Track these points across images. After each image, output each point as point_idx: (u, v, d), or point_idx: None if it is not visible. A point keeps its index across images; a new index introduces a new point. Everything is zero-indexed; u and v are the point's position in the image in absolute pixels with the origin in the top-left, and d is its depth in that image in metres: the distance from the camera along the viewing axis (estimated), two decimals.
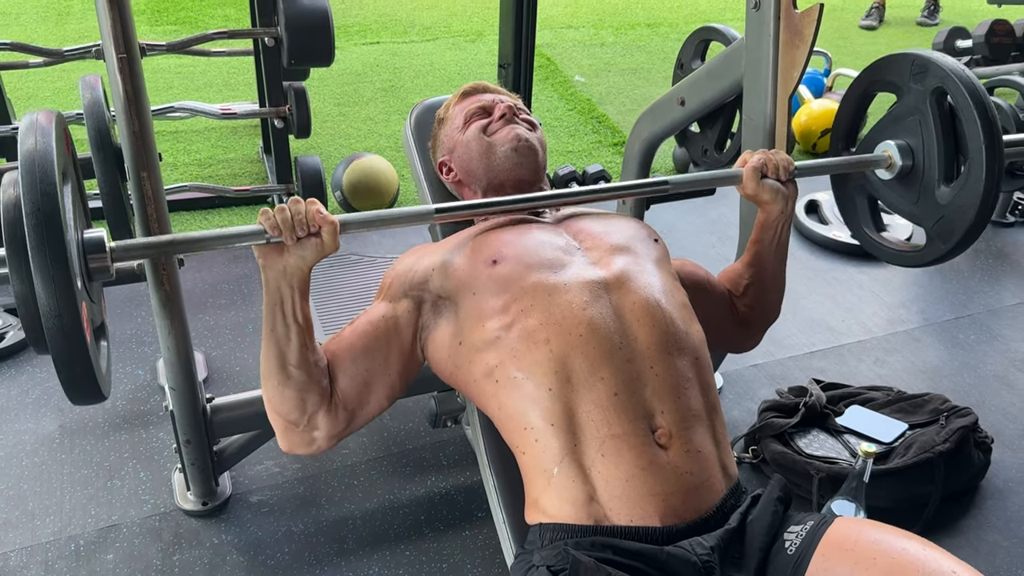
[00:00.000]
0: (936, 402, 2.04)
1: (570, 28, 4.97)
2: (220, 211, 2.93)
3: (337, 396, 1.25)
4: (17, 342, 2.25)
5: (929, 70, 1.53)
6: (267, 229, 1.15)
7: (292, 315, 1.19)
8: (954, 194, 1.53)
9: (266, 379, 1.22)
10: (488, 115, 1.51)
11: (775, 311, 1.57)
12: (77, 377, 1.07)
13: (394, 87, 4.03)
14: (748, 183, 1.43)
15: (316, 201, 1.18)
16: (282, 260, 1.17)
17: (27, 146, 1.04)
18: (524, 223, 1.40)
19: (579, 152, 3.52)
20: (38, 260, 0.98)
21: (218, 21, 4.60)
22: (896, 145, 1.60)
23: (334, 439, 1.26)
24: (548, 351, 1.20)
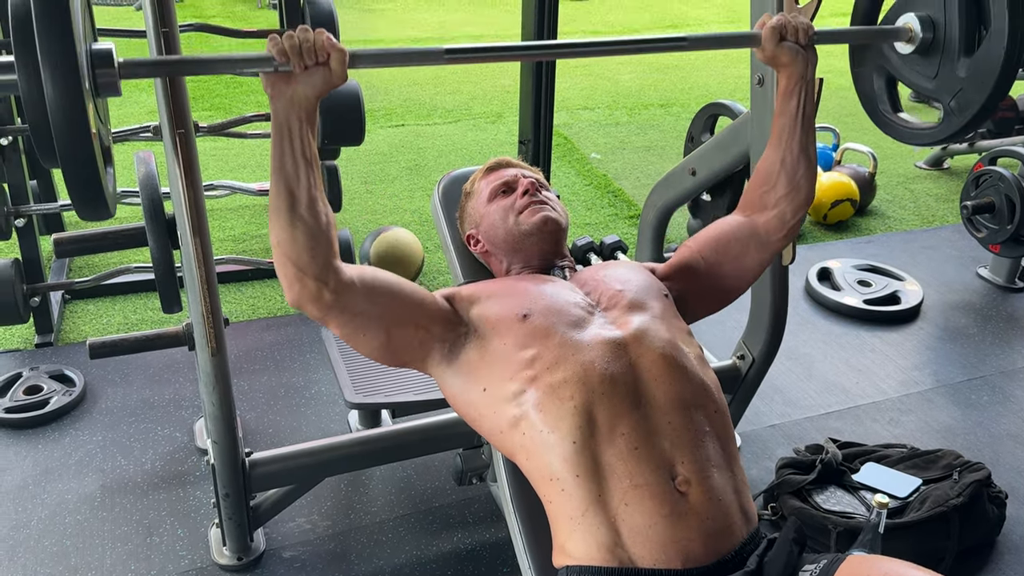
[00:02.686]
0: (949, 458, 2.09)
1: (586, 109, 5.17)
2: (254, 283, 3.05)
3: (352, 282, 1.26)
4: (61, 407, 2.36)
5: None
6: (275, 56, 1.15)
7: (300, 149, 1.20)
8: (974, 65, 1.51)
9: (275, 219, 1.22)
10: (512, 190, 1.60)
11: (810, 190, 1.50)
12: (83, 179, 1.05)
13: (418, 166, 4.21)
14: (767, 43, 1.40)
15: (324, 30, 1.18)
16: (290, 88, 1.17)
17: None
18: (545, 278, 1.49)
19: (596, 224, 3.64)
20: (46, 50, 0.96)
21: (250, 106, 4.83)
22: (917, 17, 1.58)
23: (336, 310, 1.26)
24: (572, 406, 1.27)
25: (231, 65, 1.18)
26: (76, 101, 1.00)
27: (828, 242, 3.57)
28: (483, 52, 1.34)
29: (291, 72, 1.17)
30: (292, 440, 2.24)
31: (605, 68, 6.04)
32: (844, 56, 1.80)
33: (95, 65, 1.08)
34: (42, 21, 0.98)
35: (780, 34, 1.41)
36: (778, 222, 1.50)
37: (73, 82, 0.99)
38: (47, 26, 0.98)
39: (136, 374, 2.53)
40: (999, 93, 1.52)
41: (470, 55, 1.31)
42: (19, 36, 1.01)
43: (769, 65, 1.46)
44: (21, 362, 2.57)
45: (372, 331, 1.31)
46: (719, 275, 1.54)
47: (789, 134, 1.47)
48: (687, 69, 6.12)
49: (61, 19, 0.99)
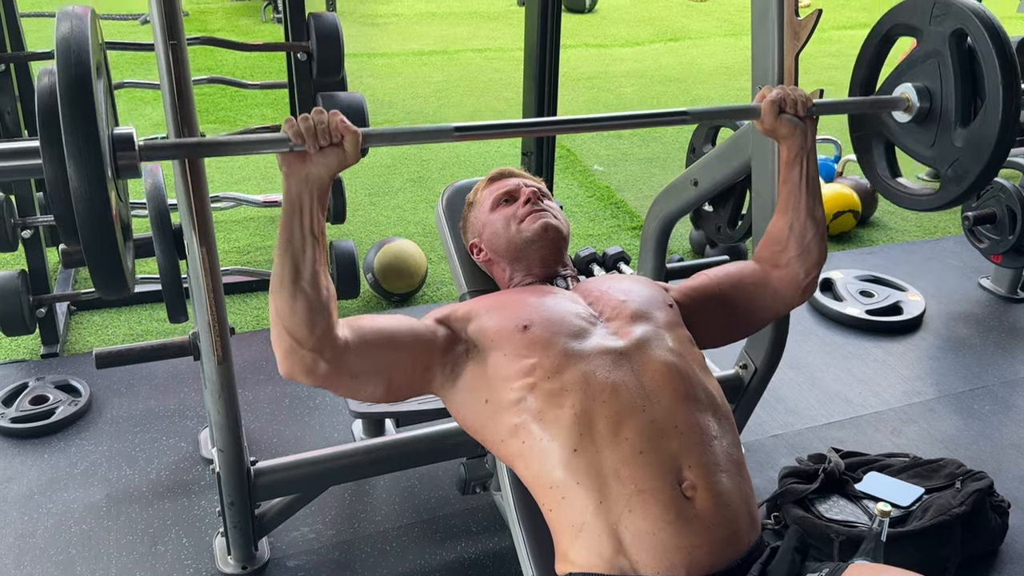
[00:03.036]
0: (951, 467, 2.10)
1: None
2: (258, 294, 3.07)
3: (348, 345, 1.27)
4: (66, 416, 2.37)
5: (950, 11, 1.54)
6: (291, 137, 1.19)
7: (310, 225, 1.22)
8: (970, 136, 1.53)
9: (277, 290, 1.24)
10: (514, 199, 1.63)
11: (821, 252, 1.54)
12: (105, 262, 1.09)
13: (422, 178, 4.23)
14: (766, 116, 1.45)
15: (338, 112, 1.22)
16: (304, 168, 1.20)
17: (62, 31, 1.06)
18: (547, 290, 1.51)
19: (599, 236, 3.66)
20: (71, 140, 1.00)
21: (256, 119, 4.86)
22: (914, 87, 1.61)
23: (331, 377, 1.27)
24: (572, 413, 1.27)
25: (250, 146, 1.22)
26: (99, 191, 1.03)
27: (830, 253, 3.57)
28: (491, 129, 1.39)
29: (306, 152, 1.20)
30: (297, 449, 2.24)
31: (607, 82, 6.08)
32: (846, 69, 1.82)
33: (116, 148, 1.11)
34: (68, 111, 1.01)
35: (779, 107, 1.45)
36: (792, 281, 1.54)
37: (97, 173, 1.02)
38: (73, 117, 1.01)
39: (141, 384, 2.55)
40: (995, 164, 1.54)
41: (478, 132, 1.37)
42: (45, 123, 1.05)
43: (769, 136, 1.50)
44: (27, 372, 2.59)
45: (371, 385, 1.33)
46: (731, 312, 1.56)
47: (795, 201, 1.50)
48: (689, 82, 6.15)
49: (86, 110, 1.02)
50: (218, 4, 7.70)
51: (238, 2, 7.73)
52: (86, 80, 1.04)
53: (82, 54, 1.06)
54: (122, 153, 1.13)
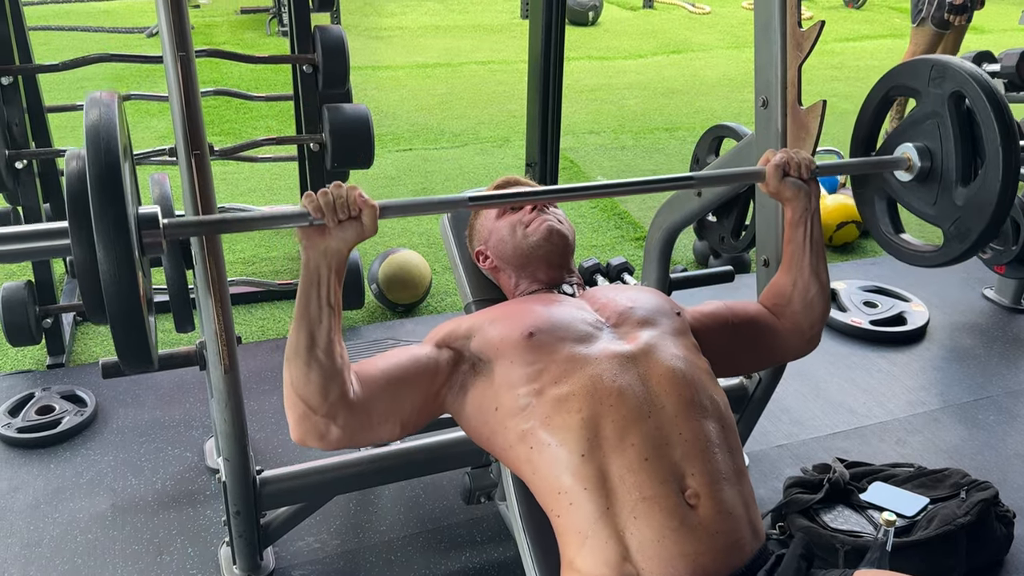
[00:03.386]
0: (956, 476, 2.10)
1: (592, 133, 5.21)
2: (263, 304, 3.08)
3: (359, 401, 1.28)
4: (72, 426, 2.38)
5: (948, 74, 1.58)
6: (311, 211, 1.22)
7: (327, 297, 1.25)
8: (971, 195, 1.56)
9: (293, 359, 1.25)
10: (520, 207, 1.65)
11: (824, 307, 1.58)
12: (132, 341, 1.12)
13: (426, 189, 4.25)
14: (771, 180, 1.49)
15: (356, 187, 1.25)
16: (324, 241, 1.23)
17: (92, 118, 1.10)
18: (554, 297, 1.52)
19: (603, 246, 3.67)
20: (101, 228, 1.03)
21: (260, 131, 4.88)
22: (915, 147, 1.64)
23: (345, 440, 1.28)
24: (580, 418, 1.28)
25: (271, 222, 1.25)
26: (128, 274, 1.06)
27: (834, 263, 3.58)
28: (505, 199, 1.43)
29: (325, 226, 1.23)
30: (301, 460, 2.25)
31: (610, 94, 6.10)
32: (849, 81, 1.84)
33: (142, 227, 1.15)
34: (98, 199, 1.05)
35: (783, 170, 1.49)
36: (796, 332, 1.58)
37: (125, 257, 1.06)
38: (103, 205, 1.05)
39: (147, 394, 2.56)
40: (997, 222, 1.57)
41: (492, 201, 1.41)
42: (74, 207, 1.08)
43: (774, 198, 1.54)
44: (33, 383, 2.60)
45: (387, 430, 1.34)
46: (740, 345, 1.58)
47: (799, 260, 1.54)
48: (692, 94, 6.17)
49: (116, 197, 1.06)
50: (223, 17, 7.75)
51: (243, 15, 7.77)
52: (115, 168, 1.07)
53: (111, 142, 1.09)
54: (147, 232, 1.16)
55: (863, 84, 6.16)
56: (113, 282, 1.05)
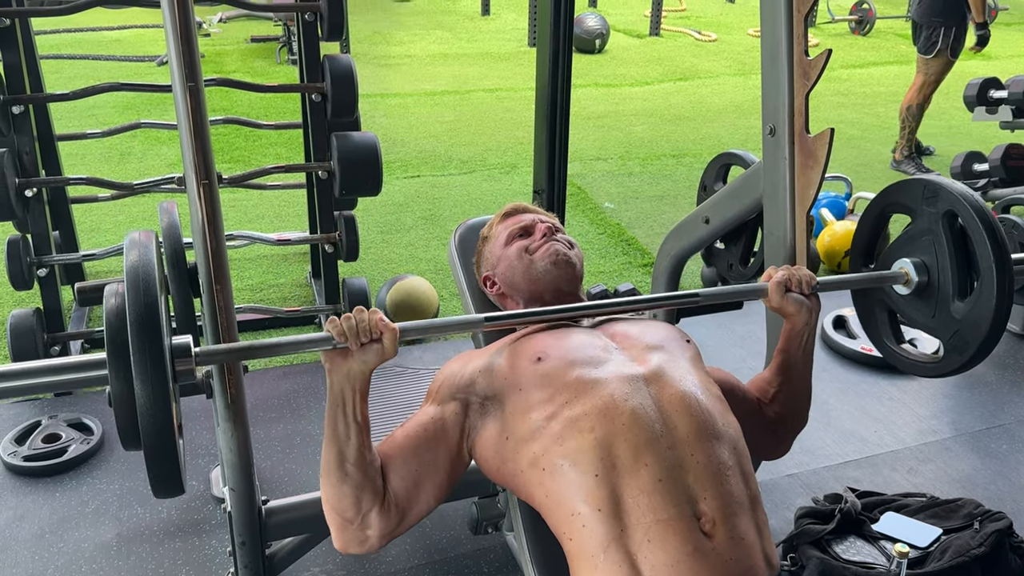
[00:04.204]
0: (969, 507, 2.07)
1: (599, 160, 5.23)
2: (271, 331, 3.08)
3: (390, 495, 1.32)
4: (79, 455, 2.37)
5: (940, 195, 1.62)
6: (334, 336, 1.26)
7: (353, 415, 1.28)
8: (968, 309, 1.58)
9: (325, 477, 1.30)
10: (529, 234, 1.64)
11: (803, 418, 1.61)
12: (166, 472, 1.16)
13: (433, 216, 4.26)
14: (773, 296, 1.51)
15: (378, 311, 1.29)
16: (347, 364, 1.27)
17: (131, 260, 1.17)
18: (563, 327, 1.51)
19: (610, 272, 3.66)
20: (139, 364, 1.09)
21: (269, 159, 4.91)
22: (912, 263, 1.67)
23: (386, 538, 1.32)
24: (593, 438, 1.27)
25: (297, 347, 1.29)
26: (164, 407, 1.11)
27: (844, 290, 3.56)
28: (521, 317, 1.47)
29: (348, 349, 1.26)
30: (308, 488, 2.23)
31: (617, 120, 6.12)
32: (856, 107, 1.84)
33: (175, 356, 1.19)
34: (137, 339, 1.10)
35: (785, 286, 1.51)
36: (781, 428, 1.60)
37: (162, 390, 1.11)
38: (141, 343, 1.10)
39: None
40: (994, 336, 1.58)
41: (508, 321, 1.45)
42: (113, 342, 1.13)
43: (776, 313, 1.56)
44: (40, 410, 2.59)
45: (425, 507, 1.36)
46: None
47: (790, 368, 1.57)
48: (698, 121, 6.19)
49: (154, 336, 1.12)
50: (234, 46, 7.83)
51: (254, 44, 7.85)
52: (154, 309, 1.13)
53: (150, 283, 1.15)
54: (180, 360, 1.20)
55: (870, 110, 6.18)
56: (150, 415, 1.10)
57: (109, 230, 3.90)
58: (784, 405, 1.58)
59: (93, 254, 2.86)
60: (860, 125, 5.75)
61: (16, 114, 2.57)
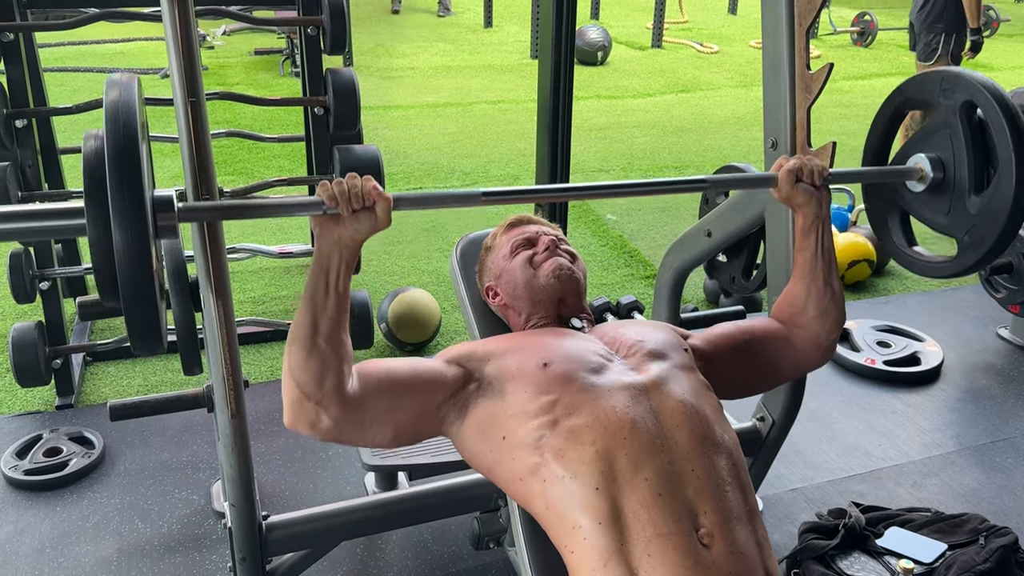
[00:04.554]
0: (975, 522, 2.05)
1: (601, 171, 5.23)
2: (272, 344, 3.08)
3: (355, 398, 1.28)
4: (79, 469, 2.36)
5: (958, 85, 1.59)
6: (325, 200, 1.22)
7: (335, 285, 1.26)
8: (984, 203, 1.56)
9: (293, 344, 1.27)
10: (532, 246, 1.63)
11: (840, 313, 1.56)
12: (145, 319, 1.11)
13: (435, 227, 4.26)
14: (783, 186, 1.48)
15: (371, 178, 1.25)
16: (337, 230, 1.24)
17: (111, 97, 1.12)
18: (561, 330, 1.51)
19: (612, 284, 3.66)
20: (117, 202, 1.03)
21: (272, 171, 4.92)
22: (927, 158, 1.64)
23: (334, 432, 1.28)
24: (594, 451, 1.26)
25: (285, 209, 1.26)
26: (142, 250, 1.07)
27: (846, 302, 3.55)
28: (519, 194, 1.43)
29: (339, 215, 1.23)
30: (309, 503, 2.23)
31: (619, 132, 6.13)
32: (857, 119, 1.84)
33: (156, 210, 1.15)
34: (116, 174, 1.06)
35: (796, 176, 1.49)
36: (812, 341, 1.56)
37: (141, 233, 1.07)
38: (120, 179, 1.06)
39: (155, 436, 2.54)
40: (1011, 229, 1.57)
41: (506, 197, 1.41)
42: (91, 185, 1.09)
43: (785, 204, 1.54)
44: (42, 424, 2.59)
45: (378, 434, 1.34)
46: (753, 364, 1.56)
47: (811, 268, 1.53)
48: (700, 132, 6.19)
49: (133, 173, 1.07)
50: (237, 58, 7.85)
51: (257, 56, 7.88)
52: (133, 145, 1.08)
53: (130, 119, 1.10)
54: (162, 215, 1.16)
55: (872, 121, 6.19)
56: (128, 257, 1.05)
57: None
58: (817, 307, 1.54)
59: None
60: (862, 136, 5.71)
61: (19, 128, 2.57)
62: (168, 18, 1.47)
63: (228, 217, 1.41)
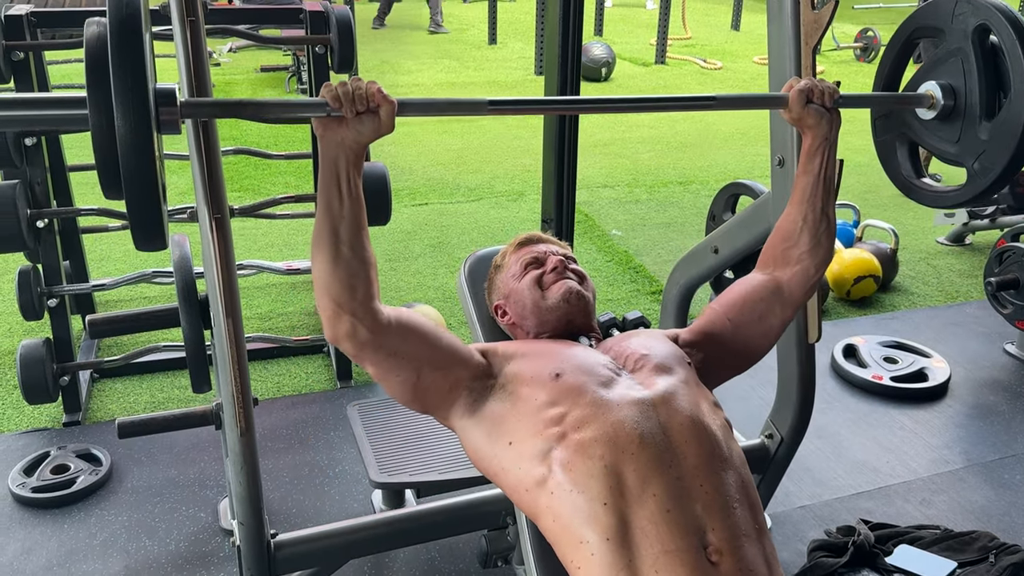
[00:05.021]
0: (984, 539, 2.05)
1: (606, 187, 5.24)
2: (279, 361, 3.08)
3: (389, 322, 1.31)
4: (87, 486, 2.36)
5: (972, 8, 1.58)
6: (329, 102, 1.21)
7: (348, 189, 1.26)
8: (996, 128, 1.56)
9: (317, 255, 1.28)
10: (541, 265, 1.63)
11: (830, 248, 1.55)
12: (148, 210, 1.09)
13: (441, 243, 4.27)
14: (794, 106, 1.46)
15: (376, 82, 1.24)
16: (340, 131, 1.23)
17: None
18: (567, 343, 1.51)
19: (618, 300, 3.66)
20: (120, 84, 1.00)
21: (278, 187, 4.94)
22: (938, 84, 1.64)
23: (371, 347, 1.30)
24: (602, 465, 1.25)
25: (287, 109, 1.25)
26: (145, 136, 1.04)
27: (852, 318, 3.56)
28: (523, 104, 1.41)
29: (343, 117, 1.23)
30: (316, 520, 2.23)
31: (624, 148, 6.14)
32: (862, 134, 1.84)
33: (159, 102, 1.12)
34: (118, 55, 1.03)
35: (807, 97, 1.47)
36: (802, 278, 1.54)
37: (143, 118, 1.04)
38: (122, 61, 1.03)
39: (162, 453, 2.54)
40: (1022, 153, 1.56)
41: (511, 107, 1.39)
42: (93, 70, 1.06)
43: (795, 126, 1.53)
44: (49, 441, 2.59)
45: (404, 373, 1.35)
46: (745, 336, 1.55)
47: (812, 193, 1.52)
48: (704, 148, 6.20)
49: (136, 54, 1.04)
50: (244, 75, 7.90)
51: (263, 73, 7.92)
52: (136, 24, 1.05)
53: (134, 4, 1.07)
54: (164, 108, 1.13)
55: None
56: (131, 144, 1.02)
57: (118, 259, 3.91)
58: (812, 234, 1.52)
59: (103, 284, 2.87)
60: (867, 152, 5.69)
61: (29, 146, 2.59)
62: (179, 38, 1.48)
63: (231, 115, 1.38)
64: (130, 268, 3.74)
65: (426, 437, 2.24)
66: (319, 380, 3.00)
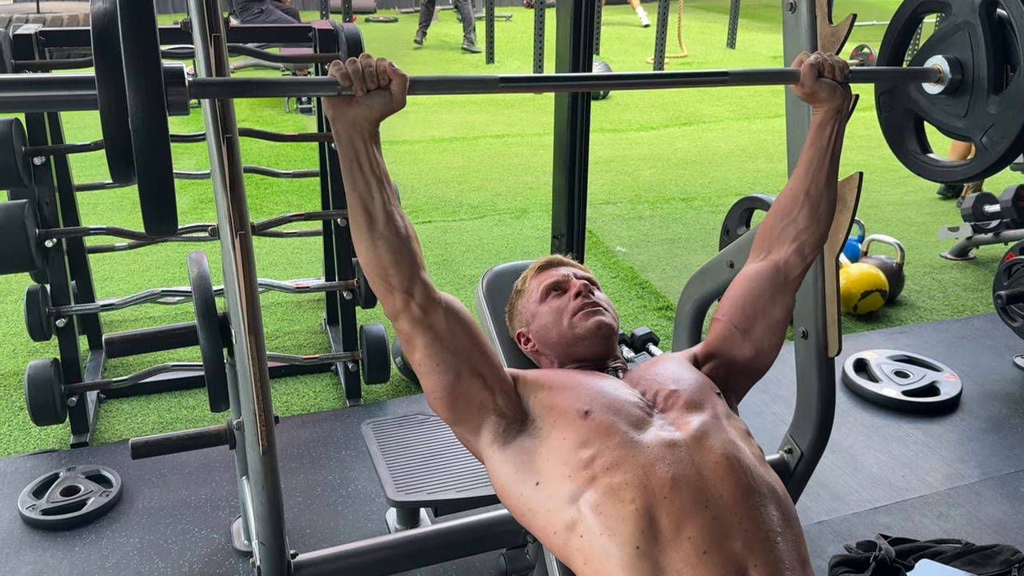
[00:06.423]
0: (1007, 553, 2.03)
1: (609, 204, 5.24)
2: (287, 380, 3.06)
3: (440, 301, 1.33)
4: (98, 508, 2.34)
5: None
6: (338, 80, 1.20)
7: (370, 166, 1.26)
8: (1004, 101, 1.55)
9: (357, 239, 1.29)
10: (564, 290, 1.61)
11: (827, 226, 1.56)
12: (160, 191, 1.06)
13: (446, 261, 4.26)
14: (806, 80, 1.46)
15: (387, 58, 1.23)
16: (351, 111, 1.22)
17: None
18: (594, 374, 1.49)
19: (625, 316, 3.65)
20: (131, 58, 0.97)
21: (281, 206, 4.93)
22: (945, 59, 1.63)
23: (424, 322, 1.31)
24: (634, 509, 1.22)
25: (297, 88, 1.24)
26: (158, 110, 1.02)
27: (861, 333, 3.55)
28: (535, 82, 1.43)
29: (353, 96, 1.22)
30: (331, 540, 2.20)
31: (626, 165, 6.16)
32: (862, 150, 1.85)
33: (168, 81, 1.10)
34: (128, 31, 1.00)
35: (818, 71, 1.48)
36: (798, 257, 1.53)
37: (156, 93, 1.02)
38: (134, 33, 1.00)
39: (173, 474, 2.52)
40: None
41: (523, 84, 1.40)
42: (101, 46, 1.03)
43: (806, 101, 1.53)
44: (58, 463, 2.56)
45: (445, 365, 1.34)
46: (754, 338, 1.54)
47: (818, 165, 1.52)
48: (704, 165, 6.22)
49: (147, 27, 1.01)
50: None
51: None
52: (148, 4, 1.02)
53: None
54: (173, 88, 1.11)
55: (875, 152, 6.21)
56: (142, 120, 0.99)
57: (123, 279, 3.90)
58: (813, 210, 1.52)
59: (112, 304, 2.85)
60: (867, 168, 5.77)
61: (37, 165, 2.58)
62: (201, 55, 1.48)
63: (240, 95, 1.37)
64: (134, 288, 3.73)
65: (442, 455, 2.22)
66: (328, 399, 2.98)
